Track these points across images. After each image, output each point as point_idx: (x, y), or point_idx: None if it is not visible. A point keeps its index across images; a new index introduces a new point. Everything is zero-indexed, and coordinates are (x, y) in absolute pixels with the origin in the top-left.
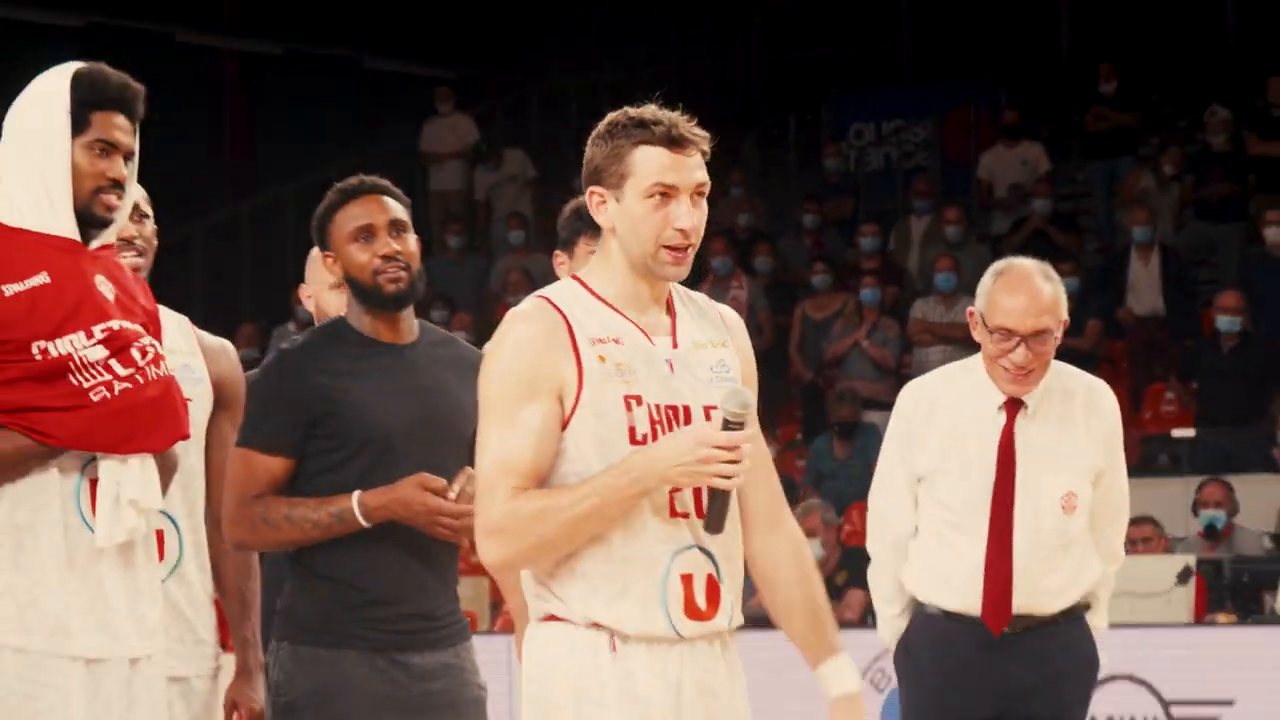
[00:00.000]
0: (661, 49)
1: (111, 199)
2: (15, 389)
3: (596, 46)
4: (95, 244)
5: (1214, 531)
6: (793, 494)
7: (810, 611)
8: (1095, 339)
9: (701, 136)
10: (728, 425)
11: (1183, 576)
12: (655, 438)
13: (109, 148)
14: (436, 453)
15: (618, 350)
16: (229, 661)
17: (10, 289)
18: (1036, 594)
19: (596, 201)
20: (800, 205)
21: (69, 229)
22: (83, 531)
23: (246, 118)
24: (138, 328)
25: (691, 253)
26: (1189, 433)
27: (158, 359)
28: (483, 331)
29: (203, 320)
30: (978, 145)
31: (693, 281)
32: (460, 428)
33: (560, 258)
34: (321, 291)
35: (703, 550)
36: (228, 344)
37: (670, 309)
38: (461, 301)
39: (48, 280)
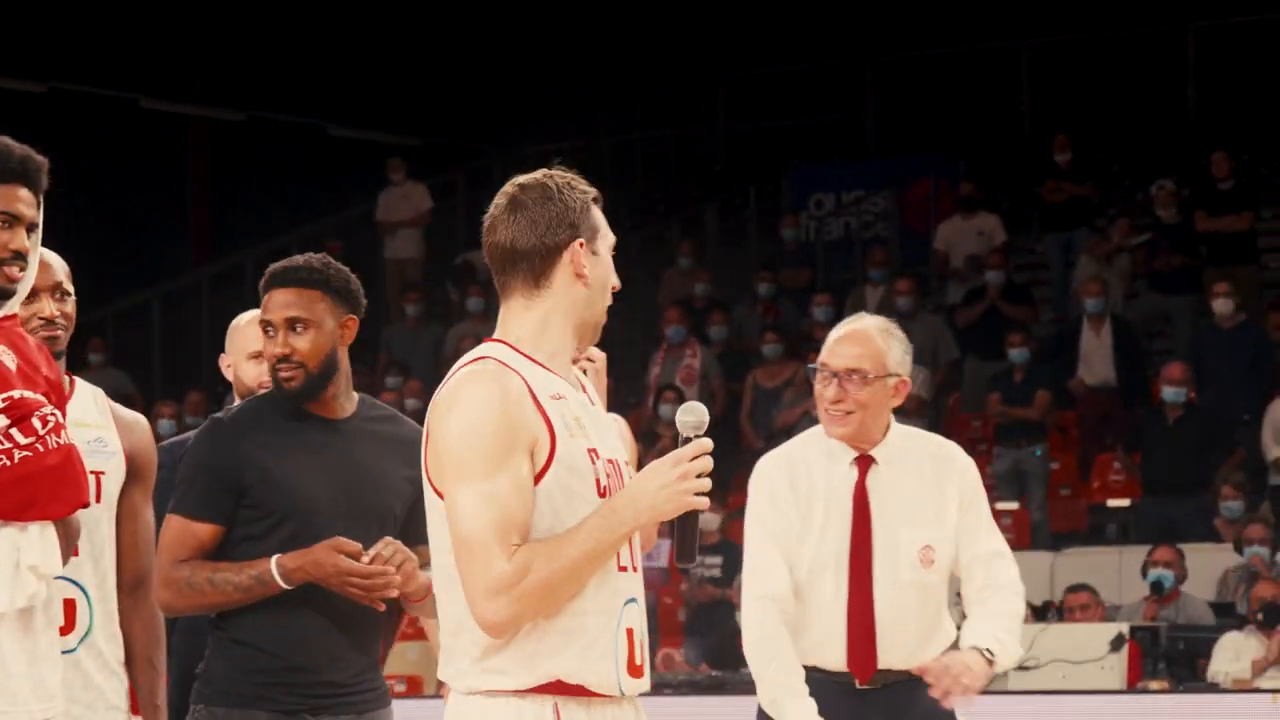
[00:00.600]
0: (624, 118)
1: (13, 270)
2: None
3: (560, 115)
4: None
5: (1160, 589)
6: (738, 561)
7: None
8: (1044, 409)
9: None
10: (686, 442)
11: (1115, 644)
12: (611, 490)
13: (11, 220)
14: (359, 527)
15: (566, 406)
16: None
17: None
18: (895, 647)
19: (579, 251)
20: (756, 274)
21: None
22: None
23: (209, 183)
24: (39, 397)
25: None
26: (1124, 502)
27: (59, 428)
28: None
29: (160, 385)
30: (936, 216)
31: (647, 351)
32: (389, 503)
33: None
34: (240, 360)
35: (636, 603)
36: (141, 418)
37: None
38: (417, 370)
39: None
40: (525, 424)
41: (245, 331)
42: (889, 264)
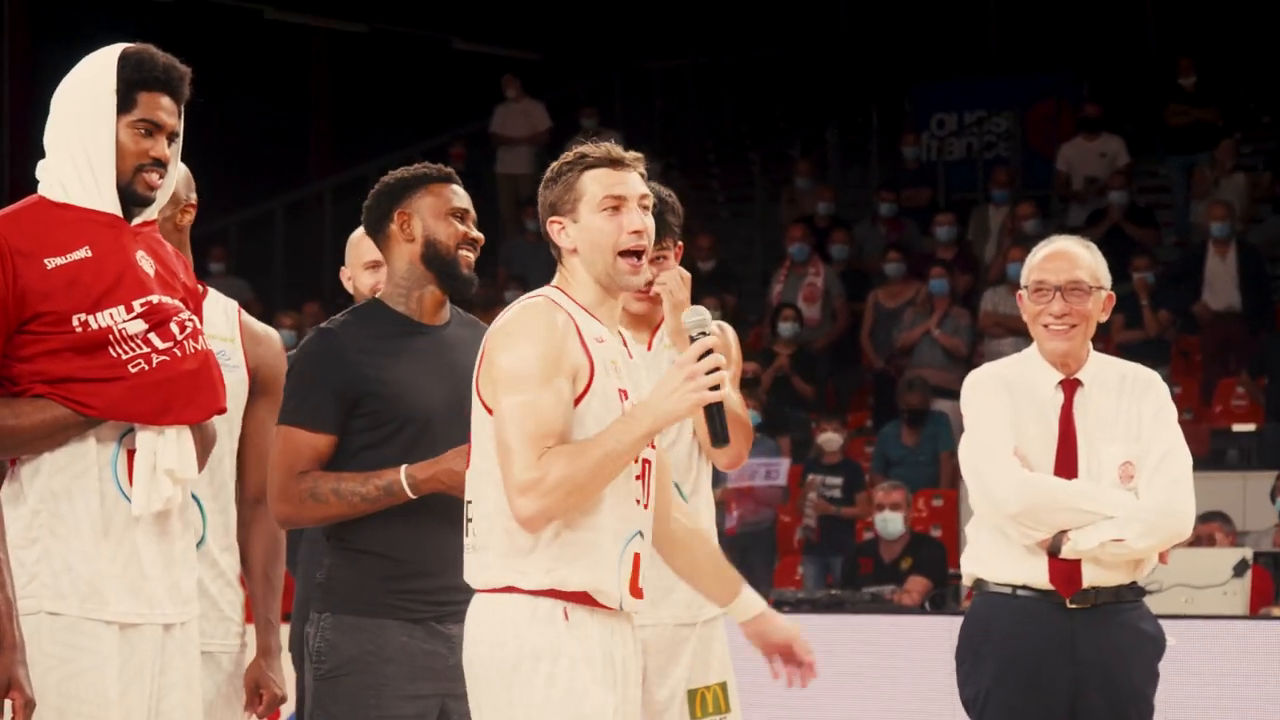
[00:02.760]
0: (745, 37)
1: (153, 178)
2: (55, 360)
3: (681, 33)
4: (137, 220)
5: None
6: (860, 480)
7: (715, 562)
8: (1167, 330)
9: (637, 158)
10: (693, 342)
11: (1239, 569)
12: None
13: (153, 128)
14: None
15: (606, 349)
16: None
17: (53, 262)
18: (1098, 564)
19: (556, 230)
20: (877, 193)
21: (112, 205)
22: (119, 500)
23: (331, 94)
24: (177, 303)
25: (645, 259)
26: (1249, 427)
27: (196, 333)
28: None
29: (281, 294)
30: (1059, 137)
31: (770, 268)
32: None
33: None
34: (358, 272)
35: (643, 536)
36: (272, 332)
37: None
38: (536, 283)
39: (89, 254)
40: (569, 352)
41: (361, 244)
42: (1011, 184)
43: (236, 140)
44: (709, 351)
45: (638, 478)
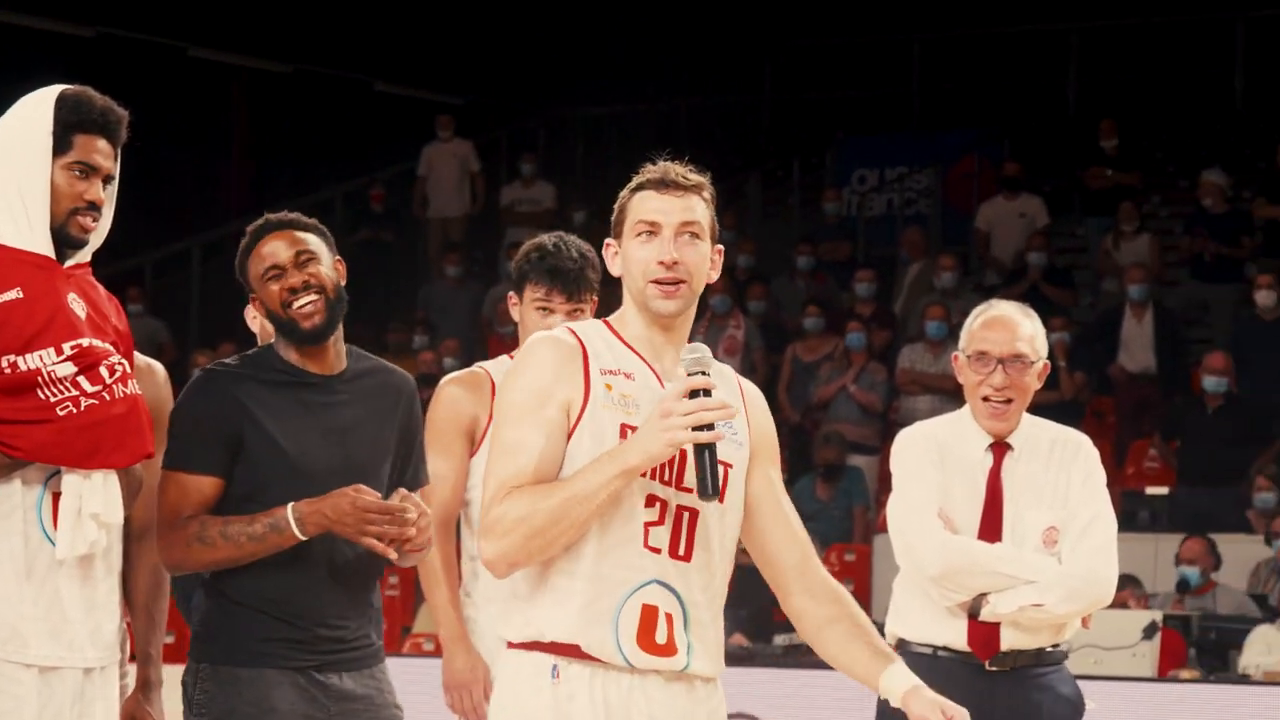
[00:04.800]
0: (670, 85)
1: (87, 220)
2: None
3: (605, 80)
4: (69, 263)
5: (1187, 586)
6: None
7: (863, 636)
8: (1081, 391)
9: (694, 182)
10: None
11: (1148, 631)
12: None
13: (89, 170)
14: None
15: (627, 384)
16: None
17: None
18: (1018, 628)
19: (610, 255)
20: (796, 247)
21: (45, 247)
22: (43, 543)
23: (252, 134)
24: (107, 346)
25: (684, 289)
26: (1161, 490)
27: (125, 378)
28: (470, 359)
29: (197, 334)
30: (979, 196)
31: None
32: (378, 464)
33: (513, 299)
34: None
35: (669, 588)
36: (156, 365)
37: None
38: (447, 329)
39: (20, 296)
40: (565, 383)
41: None
42: (929, 242)
43: (155, 178)
44: (701, 392)
45: (653, 524)
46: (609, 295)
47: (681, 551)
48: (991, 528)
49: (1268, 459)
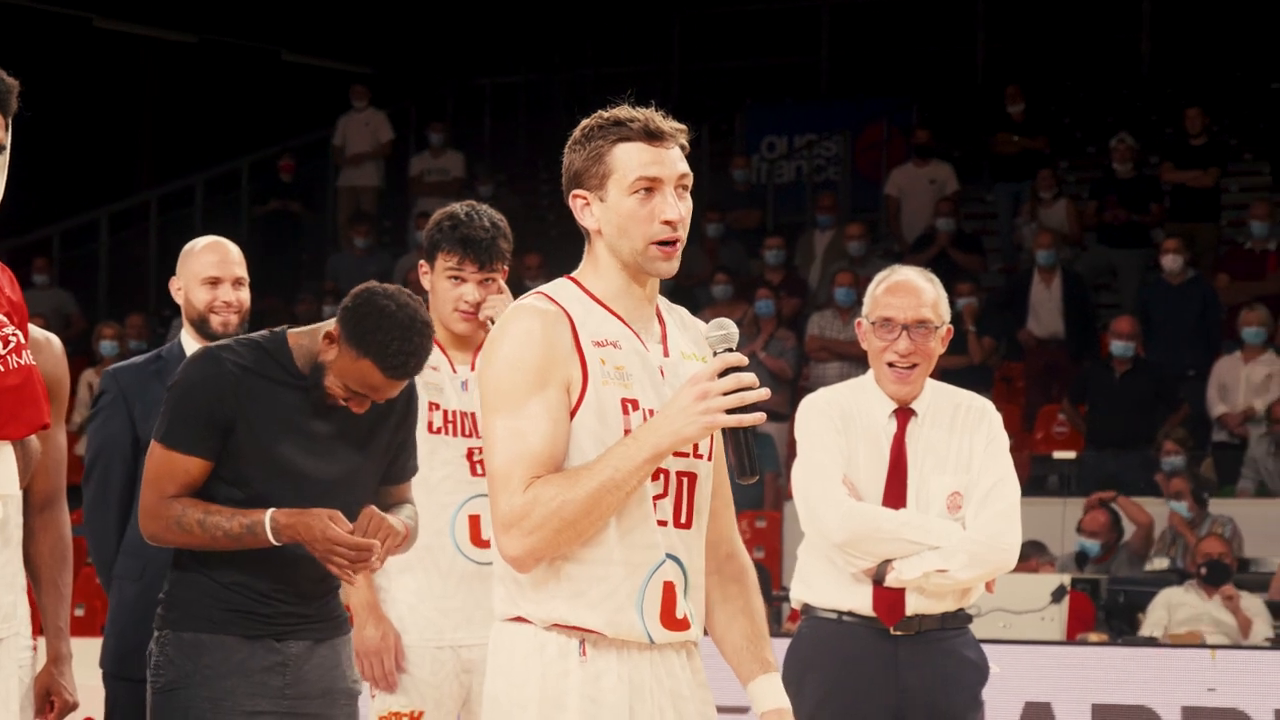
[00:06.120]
0: (578, 54)
1: None
2: None
3: (514, 48)
4: None
5: (1085, 559)
6: None
7: (751, 630)
8: (990, 357)
9: (679, 129)
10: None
11: (1057, 595)
12: None
13: None
14: (341, 491)
15: (616, 354)
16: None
17: None
18: (922, 593)
19: (580, 205)
20: (705, 215)
21: None
22: None
23: (159, 105)
24: (1, 317)
25: (679, 247)
26: (1069, 455)
27: (20, 348)
28: None
29: (105, 305)
30: (888, 163)
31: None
32: (367, 470)
33: (424, 268)
34: (192, 285)
35: (676, 560)
36: (52, 337)
37: (659, 316)
38: None
39: None
40: (560, 361)
41: (200, 256)
42: (838, 209)
43: (61, 149)
44: (733, 369)
45: (659, 497)
46: (518, 265)
47: (684, 519)
48: (896, 493)
49: (1175, 423)
